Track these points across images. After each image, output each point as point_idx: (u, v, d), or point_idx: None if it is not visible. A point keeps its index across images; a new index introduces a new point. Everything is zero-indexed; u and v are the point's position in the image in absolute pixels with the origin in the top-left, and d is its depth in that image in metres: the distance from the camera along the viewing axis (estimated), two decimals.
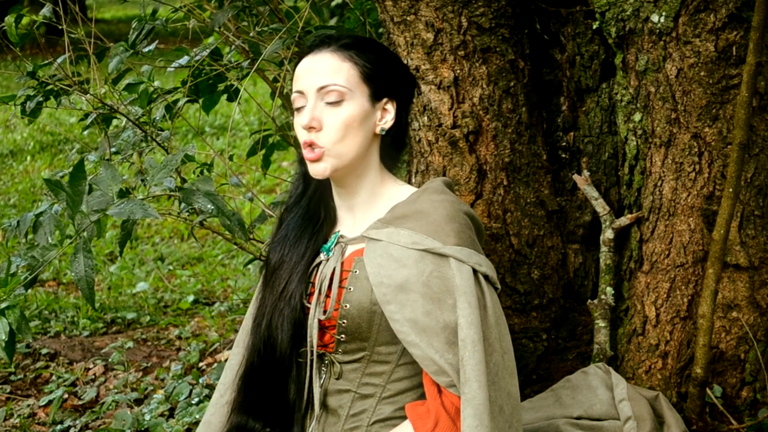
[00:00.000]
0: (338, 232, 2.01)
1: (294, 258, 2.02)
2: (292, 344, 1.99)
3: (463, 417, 1.78)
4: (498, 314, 1.90)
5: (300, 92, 1.93)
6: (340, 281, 1.93)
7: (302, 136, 1.92)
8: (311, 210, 2.07)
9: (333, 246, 1.99)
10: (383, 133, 1.96)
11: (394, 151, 2.03)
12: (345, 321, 1.92)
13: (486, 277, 1.90)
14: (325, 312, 1.94)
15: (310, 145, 1.90)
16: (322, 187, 2.05)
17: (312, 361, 1.97)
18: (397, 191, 2.00)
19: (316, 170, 1.92)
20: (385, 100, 1.96)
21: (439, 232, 1.87)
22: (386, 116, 1.96)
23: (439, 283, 1.85)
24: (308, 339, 1.97)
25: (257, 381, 2.03)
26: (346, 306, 1.91)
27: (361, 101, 1.91)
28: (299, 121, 1.92)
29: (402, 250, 1.88)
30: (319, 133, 1.90)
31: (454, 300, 1.83)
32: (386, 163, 2.02)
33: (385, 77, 1.95)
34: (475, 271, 1.87)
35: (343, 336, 1.93)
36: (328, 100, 1.89)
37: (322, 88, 1.90)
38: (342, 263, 1.95)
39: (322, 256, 2.00)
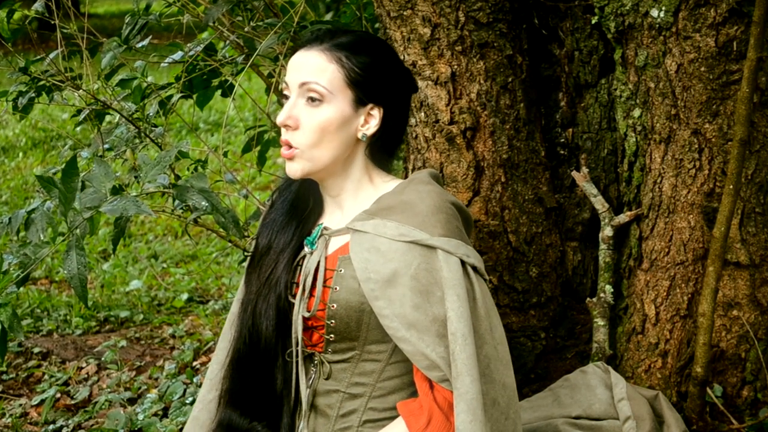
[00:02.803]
0: (321, 224, 1.99)
1: (281, 244, 2.00)
2: (277, 332, 1.96)
3: (456, 412, 1.77)
4: (488, 305, 1.88)
5: (286, 83, 1.93)
6: (325, 281, 1.91)
7: (282, 132, 1.93)
8: (300, 196, 2.05)
9: (316, 239, 1.97)
10: (364, 139, 1.93)
11: (385, 155, 2.00)
12: (333, 321, 1.89)
13: (474, 268, 1.87)
14: (309, 310, 1.92)
15: (286, 144, 1.91)
16: None
17: (298, 359, 1.95)
18: (385, 186, 1.98)
19: (290, 170, 1.93)
20: (370, 105, 1.92)
21: (426, 224, 1.85)
22: (370, 122, 1.92)
23: (427, 275, 1.82)
24: (293, 336, 1.95)
25: (244, 369, 2.01)
26: (333, 306, 1.89)
27: (342, 106, 1.89)
28: (277, 118, 1.92)
29: (389, 243, 1.85)
30: (295, 132, 1.89)
31: (443, 292, 1.81)
32: (378, 164, 1.99)
33: (375, 82, 1.91)
34: (463, 263, 1.84)
35: (332, 336, 1.91)
36: (308, 97, 1.88)
37: (303, 84, 1.89)
38: (326, 261, 1.93)
39: (306, 249, 1.97)
